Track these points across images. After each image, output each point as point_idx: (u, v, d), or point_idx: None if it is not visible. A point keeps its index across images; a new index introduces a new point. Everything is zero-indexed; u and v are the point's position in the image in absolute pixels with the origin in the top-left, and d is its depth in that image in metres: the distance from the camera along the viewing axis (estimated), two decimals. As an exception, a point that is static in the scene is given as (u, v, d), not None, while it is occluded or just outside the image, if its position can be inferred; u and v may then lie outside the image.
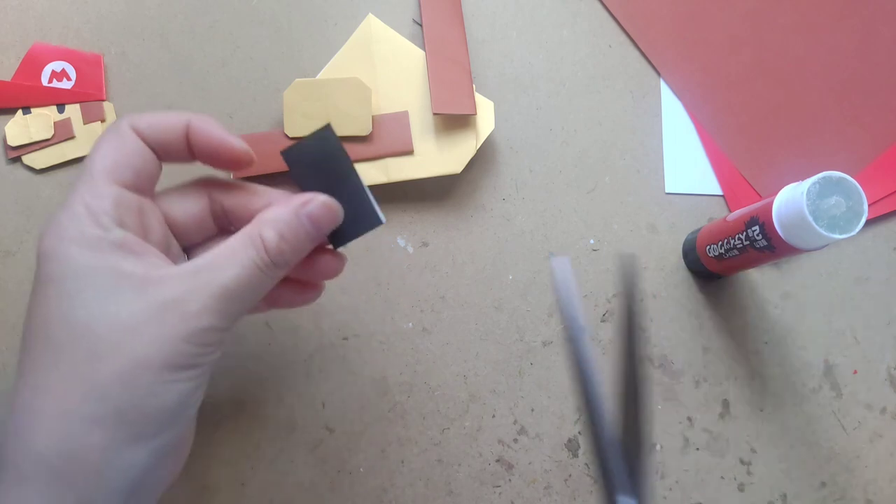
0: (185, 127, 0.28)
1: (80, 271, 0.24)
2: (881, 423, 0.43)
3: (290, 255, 0.27)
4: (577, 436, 0.42)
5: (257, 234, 0.26)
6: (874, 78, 0.48)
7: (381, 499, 0.41)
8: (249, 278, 0.26)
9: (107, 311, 0.24)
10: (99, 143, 0.27)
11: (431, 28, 0.46)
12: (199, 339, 0.25)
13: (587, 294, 0.44)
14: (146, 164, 0.27)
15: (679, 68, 0.48)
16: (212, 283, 0.25)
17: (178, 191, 0.30)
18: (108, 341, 0.23)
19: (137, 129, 0.27)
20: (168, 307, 0.24)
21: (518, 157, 0.46)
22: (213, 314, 0.25)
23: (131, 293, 0.24)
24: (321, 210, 0.28)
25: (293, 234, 0.27)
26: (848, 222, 0.33)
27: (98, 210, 0.25)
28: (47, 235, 0.25)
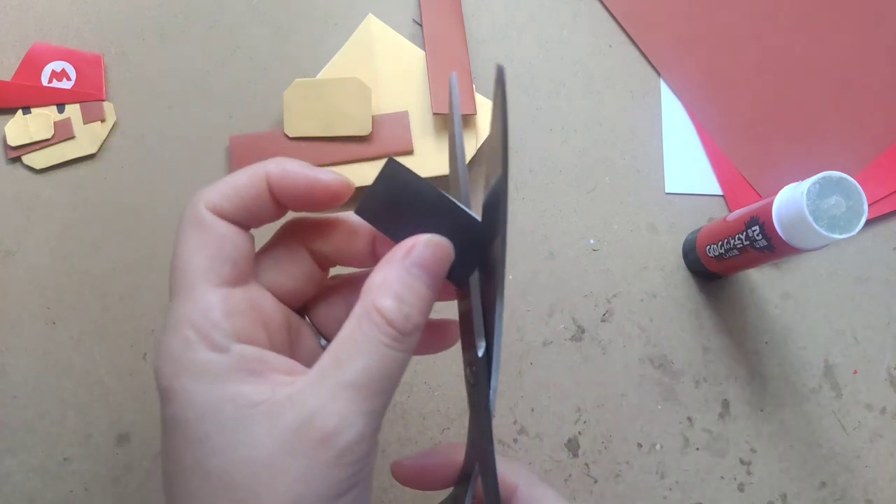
0: (264, 184, 0.24)
1: (202, 411, 0.21)
2: (881, 423, 0.43)
3: (418, 316, 0.23)
4: (577, 436, 0.42)
5: (373, 309, 0.22)
6: (874, 78, 0.48)
7: (381, 499, 0.41)
8: (381, 362, 0.22)
9: (239, 453, 0.21)
10: (182, 242, 0.23)
11: (431, 28, 0.46)
12: (348, 456, 0.21)
13: (587, 294, 0.44)
14: (241, 248, 0.24)
15: (679, 68, 0.48)
16: (342, 385, 0.21)
17: (271, 256, 0.26)
18: (250, 488, 0.20)
19: (216, 209, 0.23)
20: (303, 431, 0.21)
21: (518, 157, 0.46)
22: (356, 421, 0.21)
23: (261, 426, 0.21)
24: (428, 252, 0.23)
25: (411, 292, 0.23)
26: (848, 222, 0.33)
27: (208, 328, 0.22)
28: (161, 370, 0.22)
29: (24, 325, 0.43)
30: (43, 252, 0.44)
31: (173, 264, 0.23)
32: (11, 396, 0.42)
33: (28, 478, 0.41)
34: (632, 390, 0.43)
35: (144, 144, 0.46)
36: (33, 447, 0.41)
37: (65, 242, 0.44)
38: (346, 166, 0.44)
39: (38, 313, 0.43)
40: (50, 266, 0.44)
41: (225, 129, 0.46)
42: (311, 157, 0.44)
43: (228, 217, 0.23)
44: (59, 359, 0.43)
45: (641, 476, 0.42)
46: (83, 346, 0.43)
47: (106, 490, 0.41)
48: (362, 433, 0.21)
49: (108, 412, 0.42)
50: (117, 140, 0.46)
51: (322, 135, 0.44)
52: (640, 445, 0.42)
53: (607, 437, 0.42)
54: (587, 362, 0.43)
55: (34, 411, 0.42)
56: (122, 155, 0.46)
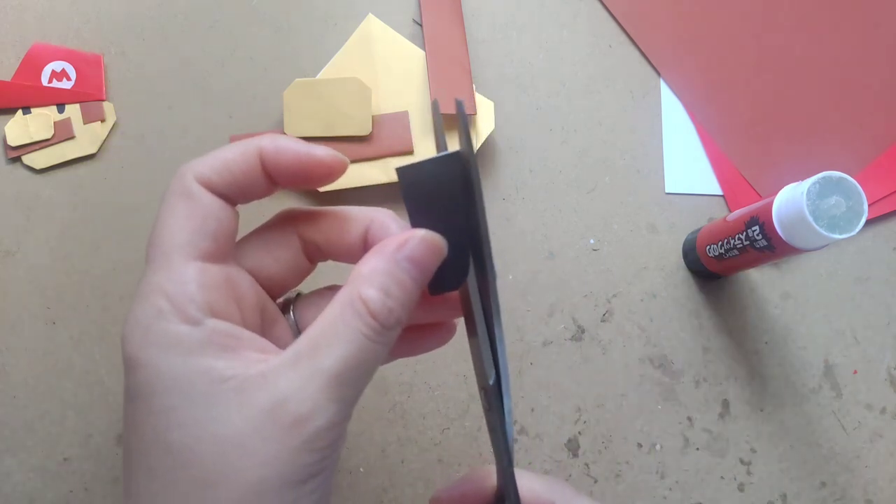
0: (256, 158, 0.23)
1: (171, 383, 0.21)
2: (881, 423, 0.43)
3: (401, 311, 0.22)
4: (578, 436, 0.42)
5: (357, 298, 0.22)
6: (874, 78, 0.48)
7: (381, 499, 0.41)
8: (359, 353, 0.21)
9: (207, 429, 0.20)
10: (166, 211, 0.23)
11: (431, 28, 0.46)
12: (317, 442, 0.21)
13: (587, 294, 0.44)
14: (224, 223, 0.23)
15: (679, 68, 0.48)
16: (317, 371, 0.21)
17: (260, 238, 0.26)
18: (215, 466, 0.20)
19: (205, 181, 0.23)
20: (274, 413, 0.20)
21: (518, 157, 0.46)
22: (328, 408, 0.21)
23: (231, 403, 0.20)
24: (421, 249, 0.23)
25: (398, 285, 0.22)
26: (848, 222, 0.33)
27: (182, 299, 0.21)
28: (129, 338, 0.21)
29: (24, 325, 0.43)
30: (43, 252, 0.44)
31: (153, 232, 0.23)
32: (11, 396, 0.42)
33: (28, 478, 0.41)
34: (632, 390, 0.43)
35: (144, 144, 0.46)
36: (33, 447, 0.41)
37: (65, 242, 0.44)
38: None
39: (38, 313, 0.43)
40: (50, 266, 0.44)
41: (225, 129, 0.46)
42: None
43: (216, 190, 0.23)
44: (59, 359, 0.43)
45: (641, 476, 0.42)
46: (83, 346, 0.43)
47: (106, 490, 0.41)
48: (333, 421, 0.21)
49: (108, 412, 0.42)
50: (117, 140, 0.46)
51: (322, 135, 0.44)
52: (640, 445, 0.42)
53: (607, 437, 0.42)
54: (587, 362, 0.43)
55: (34, 411, 0.42)
56: (122, 155, 0.46)
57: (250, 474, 0.20)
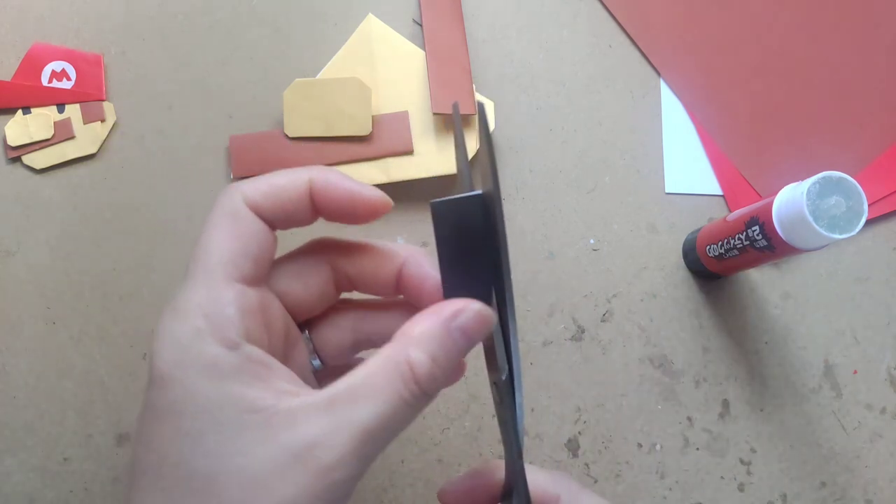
0: (306, 189, 0.24)
1: (203, 407, 0.20)
2: (881, 423, 0.43)
3: (443, 380, 0.22)
4: (578, 436, 0.42)
5: (404, 360, 0.21)
6: (874, 78, 0.48)
7: (381, 499, 0.41)
8: (394, 415, 0.21)
9: (233, 461, 0.20)
10: (212, 228, 0.23)
11: (431, 28, 0.46)
12: (335, 492, 0.20)
13: (587, 294, 0.44)
14: (265, 248, 0.23)
15: (679, 68, 0.48)
16: (351, 423, 0.21)
17: (294, 263, 0.26)
18: (233, 499, 0.20)
19: (253, 204, 0.23)
20: (301, 457, 0.20)
21: (518, 157, 0.46)
22: (351, 462, 0.20)
23: (258, 436, 0.20)
24: (476, 322, 0.23)
25: (446, 354, 0.22)
26: (848, 222, 0.33)
27: (222, 321, 0.21)
28: (163, 355, 0.21)
29: (24, 325, 0.43)
30: (43, 252, 0.44)
31: (197, 248, 0.23)
32: (11, 396, 0.42)
33: (28, 478, 0.41)
34: (632, 390, 0.43)
35: (144, 144, 0.46)
36: (33, 447, 0.41)
37: (65, 242, 0.44)
38: (347, 166, 0.44)
39: (38, 313, 0.43)
40: (50, 266, 0.44)
41: (225, 129, 0.46)
42: (312, 157, 0.44)
43: (262, 214, 0.23)
44: (59, 359, 0.43)
45: (641, 476, 0.42)
46: (83, 346, 0.43)
47: (106, 490, 0.41)
48: (353, 475, 0.21)
49: (108, 412, 0.42)
50: (117, 140, 0.46)
51: (322, 135, 0.44)
52: (640, 445, 0.42)
53: (607, 437, 0.42)
54: (587, 362, 0.43)
55: (34, 411, 0.42)
56: (122, 155, 0.46)
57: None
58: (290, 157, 0.44)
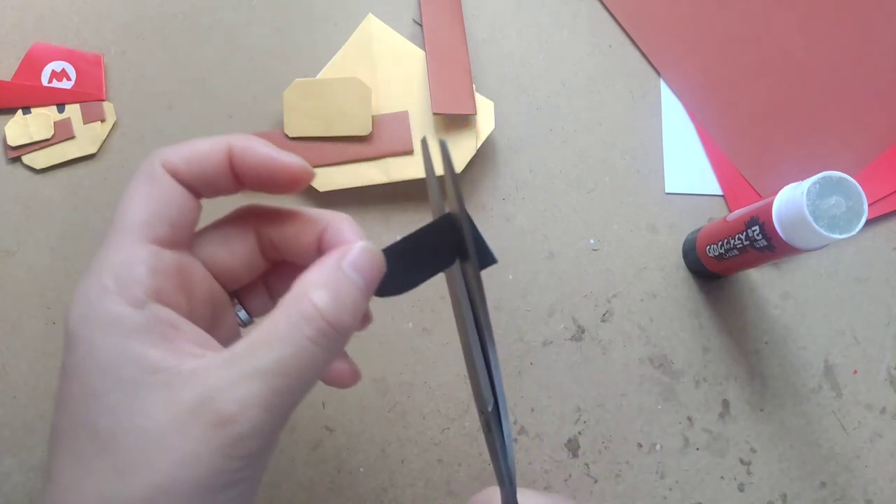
0: (226, 154, 0.24)
1: (106, 365, 0.20)
2: (881, 423, 0.43)
3: (349, 319, 0.22)
4: (578, 436, 0.42)
5: (305, 299, 0.21)
6: (874, 78, 0.48)
7: (381, 499, 0.41)
8: (299, 357, 0.20)
9: (131, 419, 0.20)
10: (129, 190, 0.23)
11: (431, 28, 0.46)
12: (239, 448, 0.20)
13: (587, 294, 0.44)
14: (184, 212, 0.23)
15: (679, 68, 0.48)
16: (250, 371, 0.20)
17: (218, 230, 0.26)
18: (132, 458, 0.20)
19: (172, 168, 0.23)
20: (198, 411, 0.20)
21: (518, 157, 0.46)
22: (255, 413, 0.20)
23: (158, 396, 0.20)
24: (364, 258, 0.23)
25: (347, 292, 0.22)
26: (848, 222, 0.33)
27: (130, 280, 0.21)
28: (73, 312, 0.21)
29: (24, 325, 0.43)
30: (43, 252, 0.44)
31: (115, 211, 0.23)
32: (11, 396, 0.42)
33: (28, 478, 0.41)
34: (632, 390, 0.43)
35: (144, 144, 0.46)
36: (33, 447, 0.41)
37: (65, 242, 0.44)
38: (347, 166, 0.44)
39: (38, 313, 0.43)
40: (50, 266, 0.44)
41: (225, 129, 0.46)
42: (312, 157, 0.44)
43: (182, 179, 0.23)
44: (59, 359, 0.42)
45: (641, 476, 0.42)
46: (83, 346, 0.43)
47: (106, 490, 0.41)
48: (259, 427, 0.20)
49: (108, 412, 0.42)
50: (117, 140, 0.46)
51: (322, 135, 0.44)
52: (640, 445, 0.42)
53: (607, 437, 0.42)
54: (587, 362, 0.43)
55: (34, 411, 0.42)
56: (122, 155, 0.46)
57: (164, 472, 0.19)
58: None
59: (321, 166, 0.44)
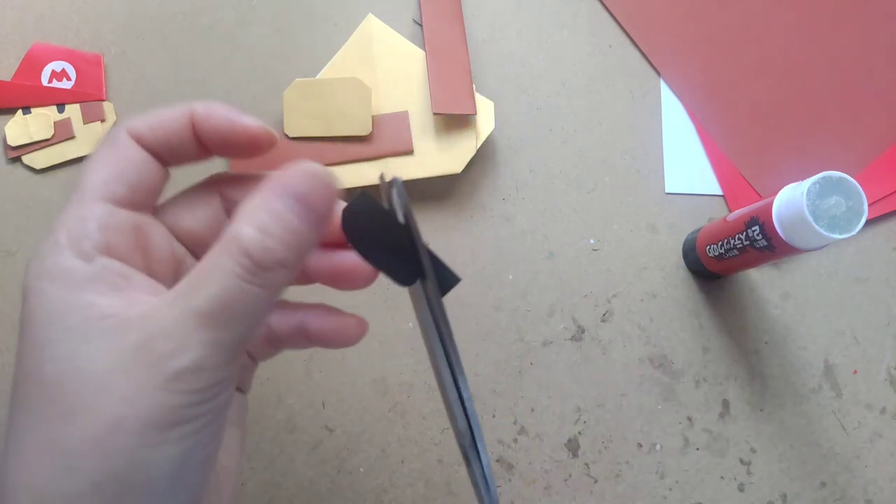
0: (188, 119, 0.24)
1: (54, 315, 0.21)
2: (881, 423, 0.43)
3: (284, 252, 0.21)
4: (578, 436, 0.42)
5: (231, 236, 0.21)
6: (874, 78, 0.48)
7: (381, 499, 0.41)
8: (232, 294, 0.20)
9: (76, 364, 0.20)
10: (92, 155, 0.23)
11: (431, 28, 0.46)
12: (182, 383, 0.20)
13: (587, 294, 0.44)
14: (144, 175, 0.23)
15: (679, 68, 0.48)
16: (187, 310, 0.20)
17: (184, 197, 0.26)
18: (77, 401, 0.20)
19: (136, 134, 0.23)
20: (140, 351, 0.20)
21: (518, 157, 0.46)
22: (195, 349, 0.20)
23: (105, 340, 0.20)
24: (303, 182, 0.21)
25: (278, 223, 0.21)
26: (848, 222, 0.33)
27: (80, 235, 0.21)
28: (29, 269, 0.22)
29: (24, 325, 0.43)
30: (43, 252, 0.44)
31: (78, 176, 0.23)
32: (11, 396, 0.42)
33: (28, 478, 0.41)
34: (632, 390, 0.43)
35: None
36: (33, 447, 0.41)
37: (65, 242, 0.44)
38: (346, 166, 0.44)
39: (38, 313, 0.43)
40: (50, 266, 0.44)
41: (225, 129, 0.46)
42: (312, 157, 0.44)
43: (146, 144, 0.24)
44: (59, 359, 0.43)
45: (641, 476, 0.42)
46: (83, 346, 0.43)
47: (106, 490, 0.41)
48: (200, 363, 0.20)
49: (108, 412, 0.42)
50: (117, 140, 0.46)
51: (322, 135, 0.44)
52: (640, 445, 0.42)
53: (607, 437, 0.42)
54: (587, 362, 0.43)
55: (34, 411, 0.42)
56: (122, 155, 0.46)
57: (108, 411, 0.19)
58: (290, 157, 0.44)
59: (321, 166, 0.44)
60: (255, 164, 0.44)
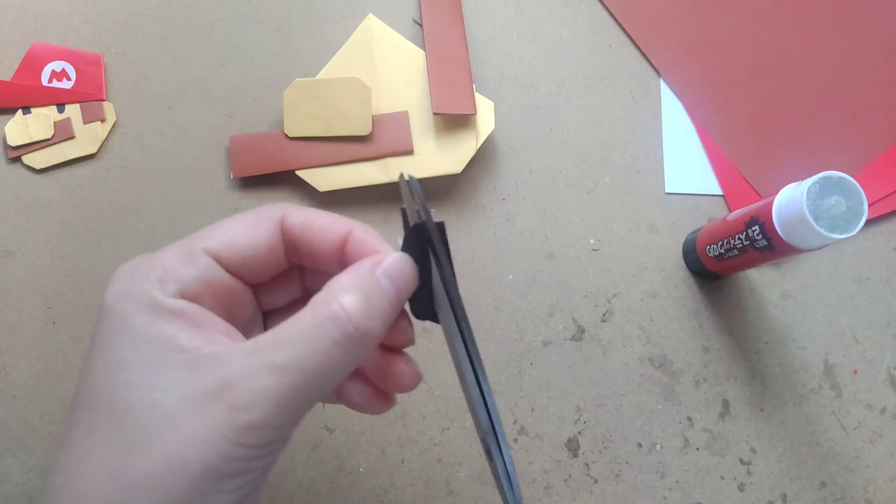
0: (344, 235, 0.24)
1: (136, 339, 0.21)
2: (881, 423, 0.43)
3: (377, 326, 0.22)
4: (578, 436, 0.42)
5: (334, 299, 0.21)
6: (874, 78, 0.48)
7: (381, 499, 0.41)
8: (319, 357, 0.21)
9: (150, 394, 0.20)
10: (238, 216, 0.24)
11: (431, 28, 0.46)
12: (248, 438, 0.20)
13: (587, 294, 0.44)
14: (261, 260, 0.24)
15: (679, 68, 0.48)
16: (270, 364, 0.20)
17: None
18: (144, 432, 0.20)
19: (287, 222, 0.24)
20: (214, 396, 0.20)
21: (518, 157, 0.46)
22: (268, 406, 0.20)
23: (181, 374, 0.20)
24: (398, 267, 0.23)
25: (377, 298, 0.22)
26: (848, 222, 0.33)
27: (174, 278, 0.22)
28: (112, 289, 0.22)
29: (24, 325, 0.43)
30: (43, 252, 0.44)
31: (209, 226, 0.24)
32: (11, 396, 0.42)
33: (28, 478, 0.41)
34: (632, 390, 0.43)
35: (144, 144, 0.46)
36: (33, 447, 0.41)
37: (65, 242, 0.44)
38: (346, 166, 0.44)
39: (38, 313, 0.43)
40: (50, 266, 0.44)
41: (225, 129, 0.46)
42: (312, 157, 0.44)
43: (291, 236, 0.25)
44: (59, 359, 0.43)
45: (641, 476, 0.42)
46: (83, 346, 0.43)
47: (106, 490, 0.41)
48: (270, 420, 0.20)
49: (108, 412, 0.42)
50: (117, 140, 0.46)
51: (322, 135, 0.44)
52: (640, 445, 0.42)
53: (607, 437, 0.42)
54: (587, 362, 0.43)
55: (34, 411, 0.42)
56: (122, 155, 0.46)
57: (172, 450, 0.19)
58: (290, 157, 0.44)
59: (321, 166, 0.44)
60: (255, 163, 0.44)
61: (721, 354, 0.44)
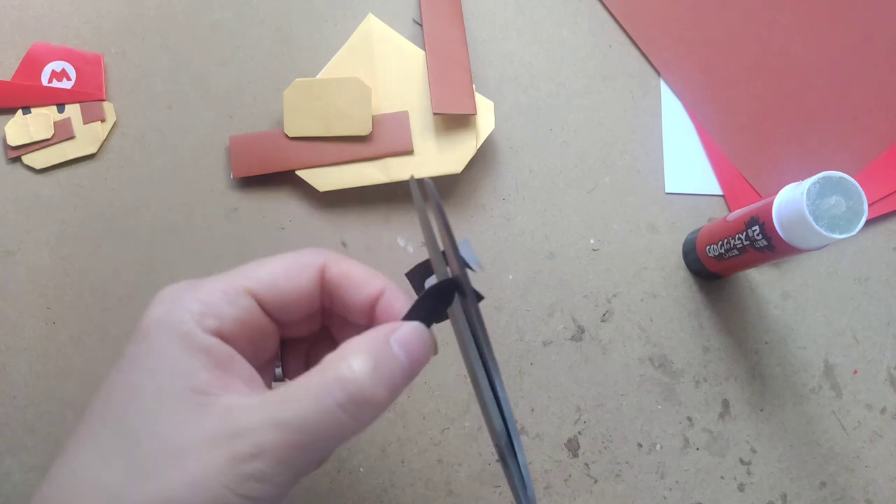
0: (378, 293, 0.25)
1: (158, 369, 0.21)
2: (881, 423, 0.43)
3: (383, 392, 0.22)
4: (578, 436, 0.42)
5: (342, 362, 0.21)
6: (874, 78, 0.48)
7: (381, 499, 0.41)
8: (322, 418, 0.21)
9: (163, 430, 0.21)
10: (285, 254, 0.25)
11: (431, 28, 0.46)
12: (247, 489, 0.20)
13: (587, 294, 0.44)
14: (301, 303, 0.25)
15: (679, 68, 0.48)
16: (274, 420, 0.20)
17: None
18: (149, 464, 0.20)
19: (328, 273, 0.25)
20: (218, 442, 0.20)
21: (518, 157, 0.46)
22: (266, 462, 0.20)
23: (192, 416, 0.21)
24: (413, 337, 0.23)
25: (387, 365, 0.22)
26: (848, 222, 0.33)
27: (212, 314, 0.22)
28: (153, 310, 0.23)
29: (24, 325, 0.43)
30: (43, 252, 0.44)
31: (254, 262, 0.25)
32: (11, 396, 0.42)
33: (28, 478, 0.41)
34: (632, 390, 0.43)
35: (144, 144, 0.46)
36: (33, 447, 0.41)
37: (65, 242, 0.44)
38: (346, 166, 0.44)
39: (38, 313, 0.43)
40: (50, 266, 0.44)
41: (225, 129, 0.46)
42: (312, 157, 0.44)
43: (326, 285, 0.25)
44: (59, 359, 0.43)
45: (641, 476, 0.42)
46: (83, 346, 0.43)
47: (106, 490, 0.41)
48: (268, 475, 0.20)
49: (108, 412, 0.42)
50: (117, 140, 0.46)
51: (322, 135, 0.44)
52: (640, 445, 0.42)
53: (607, 437, 0.42)
54: (587, 362, 0.43)
55: (34, 411, 0.42)
56: (122, 155, 0.46)
57: (170, 487, 0.20)
58: (290, 157, 0.44)
59: (321, 166, 0.44)
60: (255, 163, 0.44)
61: (721, 354, 0.44)
